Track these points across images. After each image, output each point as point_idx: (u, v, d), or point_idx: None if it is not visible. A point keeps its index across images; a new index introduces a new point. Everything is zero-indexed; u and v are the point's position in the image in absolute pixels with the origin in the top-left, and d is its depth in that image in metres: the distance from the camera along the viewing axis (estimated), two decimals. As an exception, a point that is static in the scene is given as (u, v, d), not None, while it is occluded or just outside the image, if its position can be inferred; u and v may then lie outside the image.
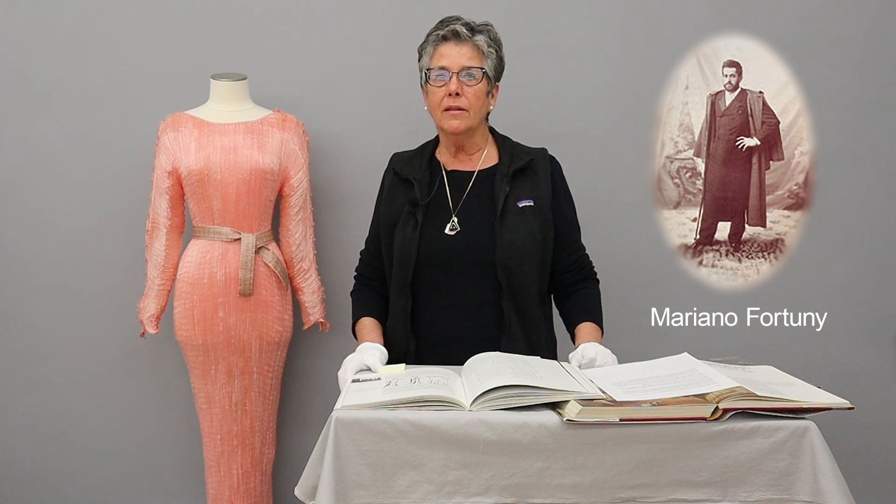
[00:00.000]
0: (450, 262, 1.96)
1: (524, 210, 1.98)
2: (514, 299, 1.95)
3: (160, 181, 2.47)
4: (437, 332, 1.97)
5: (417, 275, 1.97)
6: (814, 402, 1.49)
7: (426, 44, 2.01)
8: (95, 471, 2.80)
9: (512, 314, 1.95)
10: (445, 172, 2.06)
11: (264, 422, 2.52)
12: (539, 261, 1.99)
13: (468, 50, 1.96)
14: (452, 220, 1.99)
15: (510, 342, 1.93)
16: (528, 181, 2.02)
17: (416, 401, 1.49)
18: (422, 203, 2.00)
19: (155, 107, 2.62)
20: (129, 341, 2.70)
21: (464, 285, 1.96)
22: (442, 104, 1.96)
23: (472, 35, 1.97)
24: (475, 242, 1.96)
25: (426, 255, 1.97)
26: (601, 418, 1.44)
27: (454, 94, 1.94)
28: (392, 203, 2.06)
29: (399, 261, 1.99)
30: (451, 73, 1.94)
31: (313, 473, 1.50)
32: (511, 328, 1.94)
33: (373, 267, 2.13)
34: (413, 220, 1.99)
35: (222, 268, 2.41)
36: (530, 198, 2.00)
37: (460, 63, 1.95)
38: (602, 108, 2.69)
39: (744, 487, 1.46)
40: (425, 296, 1.98)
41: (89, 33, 2.68)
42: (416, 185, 2.02)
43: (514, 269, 1.94)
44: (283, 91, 2.67)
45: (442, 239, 1.98)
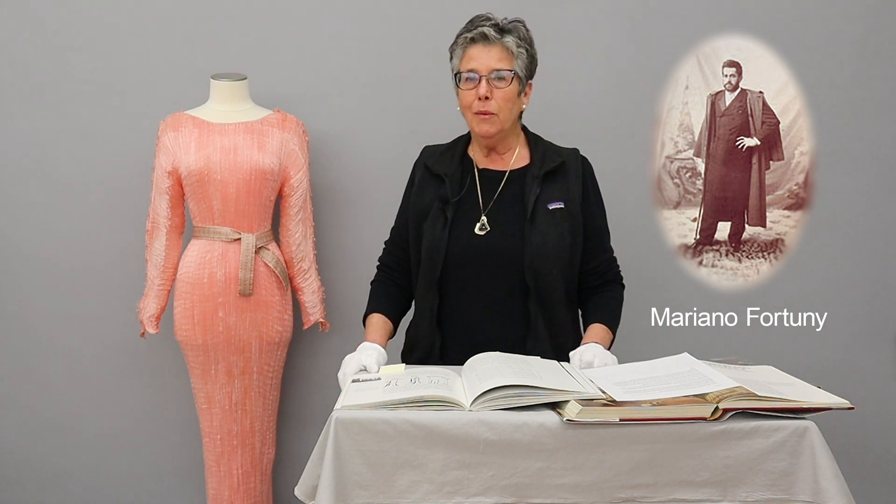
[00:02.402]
0: (478, 262, 1.95)
1: (554, 212, 1.97)
2: (541, 301, 1.94)
3: (160, 181, 2.47)
4: (462, 331, 1.96)
5: (445, 273, 1.96)
6: (814, 402, 1.49)
7: (455, 45, 1.98)
8: (95, 471, 2.80)
9: (538, 316, 1.93)
10: (477, 171, 2.04)
11: (264, 422, 2.52)
12: (567, 263, 1.97)
13: (497, 52, 1.93)
14: (482, 219, 1.98)
15: (536, 344, 1.91)
16: (559, 183, 2.00)
17: (416, 401, 1.49)
18: (452, 200, 1.98)
19: (155, 107, 2.62)
20: (129, 341, 2.70)
21: (491, 285, 1.95)
22: (473, 107, 1.94)
23: (500, 36, 1.93)
24: (504, 243, 1.94)
25: (455, 253, 1.95)
26: (601, 418, 1.44)
27: (483, 97, 1.91)
28: (422, 197, 2.03)
29: (427, 258, 1.98)
30: (481, 76, 1.91)
31: (313, 473, 1.50)
32: (537, 330, 1.93)
33: (397, 257, 2.10)
34: (443, 217, 1.97)
35: (222, 268, 2.41)
36: (561, 200, 1.98)
37: (489, 66, 1.92)
38: (602, 108, 2.69)
39: (744, 487, 1.46)
40: (452, 294, 1.97)
41: (89, 33, 2.68)
42: (447, 182, 2.00)
43: (542, 272, 1.93)
44: (283, 91, 2.67)
45: (471, 238, 1.96)
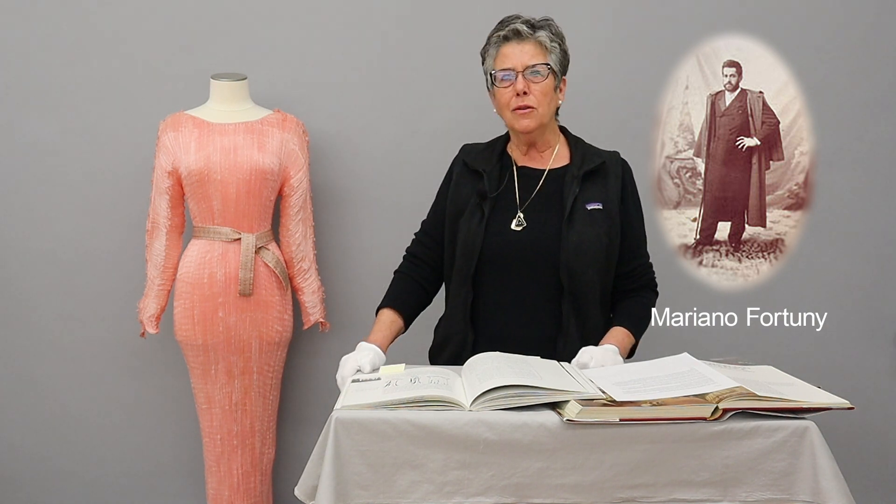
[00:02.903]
0: (513, 258, 1.94)
1: (592, 213, 1.96)
2: (575, 301, 1.93)
3: (160, 181, 2.47)
4: (495, 328, 1.95)
5: (480, 268, 1.95)
6: (814, 402, 1.49)
7: (488, 46, 1.98)
8: (95, 471, 2.80)
9: (571, 316, 1.92)
10: (516, 168, 2.04)
11: (264, 422, 2.52)
12: (603, 265, 1.96)
13: (531, 47, 1.93)
14: (519, 216, 1.97)
15: (567, 344, 1.90)
16: (599, 184, 1.99)
17: (416, 401, 1.49)
18: (490, 196, 1.98)
19: (155, 107, 2.62)
20: (129, 341, 2.70)
21: (525, 283, 1.94)
22: (511, 104, 1.94)
23: (533, 32, 1.94)
24: (541, 241, 1.94)
25: (490, 248, 1.94)
26: (601, 418, 1.44)
27: (522, 93, 1.92)
28: (459, 193, 2.03)
29: (463, 252, 1.97)
30: (517, 73, 1.92)
31: (313, 473, 1.50)
32: (569, 330, 1.92)
33: (427, 248, 2.09)
34: (479, 212, 1.97)
35: (222, 268, 2.41)
36: (599, 201, 1.97)
37: (524, 62, 1.92)
38: (602, 108, 2.68)
39: (744, 487, 1.46)
40: (486, 290, 1.96)
41: (90, 33, 2.68)
42: (485, 177, 2.00)
43: (577, 272, 1.92)
44: (283, 91, 2.67)
45: (507, 234, 1.95)
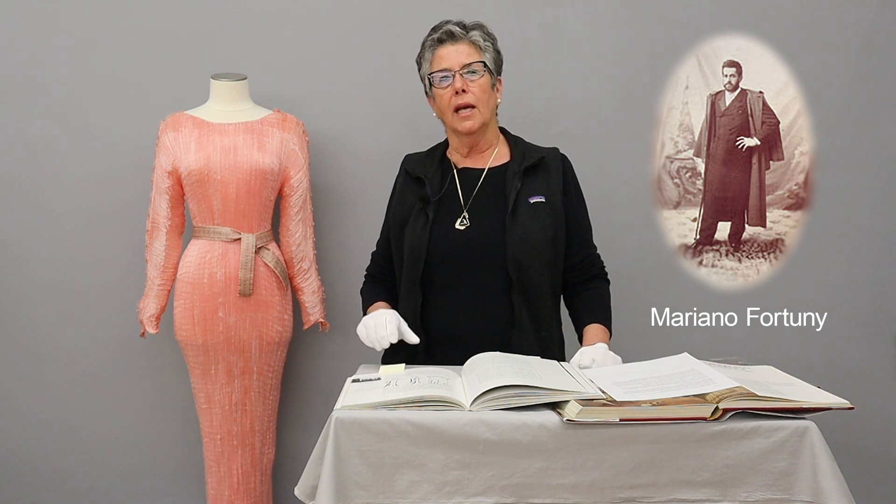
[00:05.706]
0: (460, 258, 1.95)
1: (535, 206, 1.98)
2: (525, 295, 1.94)
3: (160, 181, 2.47)
4: (447, 328, 1.96)
5: (428, 271, 1.97)
6: (814, 402, 1.49)
7: (423, 51, 2.03)
8: (95, 471, 2.79)
9: (523, 310, 1.94)
10: (456, 170, 2.06)
11: (264, 422, 2.52)
12: (550, 256, 1.98)
13: (465, 47, 1.98)
14: (463, 215, 1.99)
15: (521, 338, 1.92)
16: (540, 178, 2.02)
17: (416, 401, 1.49)
18: (432, 199, 2.00)
19: (155, 107, 2.62)
20: (129, 341, 2.70)
21: (474, 281, 1.96)
22: (451, 105, 1.97)
23: (466, 32, 1.99)
24: (486, 237, 1.95)
25: (437, 250, 1.96)
26: (601, 418, 1.44)
27: (460, 91, 1.95)
28: (403, 202, 2.06)
29: (409, 257, 1.99)
30: (454, 73, 1.96)
31: (313, 473, 1.50)
32: (522, 324, 1.93)
33: (382, 267, 2.13)
34: (424, 216, 1.99)
35: (222, 268, 2.41)
36: (542, 194, 2.00)
37: (460, 61, 1.96)
38: (602, 108, 2.69)
39: (744, 487, 1.46)
40: (435, 292, 1.97)
41: (90, 33, 2.68)
42: (427, 183, 2.02)
43: (524, 264, 1.93)
44: (283, 91, 2.67)
45: (452, 234, 1.97)
